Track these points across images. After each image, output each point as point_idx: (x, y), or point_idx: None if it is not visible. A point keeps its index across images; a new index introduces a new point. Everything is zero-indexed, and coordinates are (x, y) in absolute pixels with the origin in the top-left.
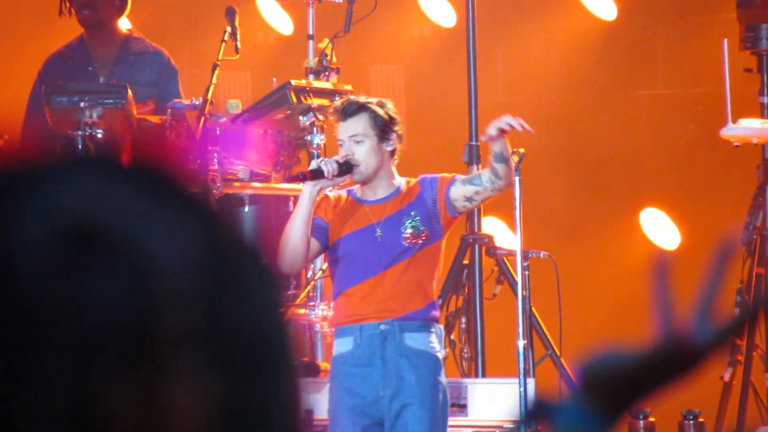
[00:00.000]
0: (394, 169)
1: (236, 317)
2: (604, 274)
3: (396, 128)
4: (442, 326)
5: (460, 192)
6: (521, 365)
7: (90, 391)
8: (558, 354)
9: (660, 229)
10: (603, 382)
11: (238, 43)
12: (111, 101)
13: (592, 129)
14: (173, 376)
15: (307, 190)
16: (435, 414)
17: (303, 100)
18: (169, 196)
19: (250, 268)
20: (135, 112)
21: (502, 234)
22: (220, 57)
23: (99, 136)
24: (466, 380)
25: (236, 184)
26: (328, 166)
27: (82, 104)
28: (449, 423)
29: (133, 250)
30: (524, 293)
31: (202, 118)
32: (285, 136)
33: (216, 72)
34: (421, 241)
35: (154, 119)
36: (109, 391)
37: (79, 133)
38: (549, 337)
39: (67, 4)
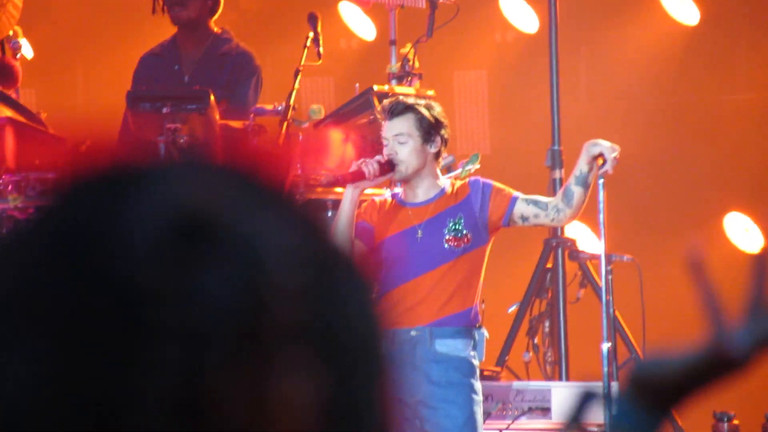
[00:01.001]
0: (438, 171)
1: (339, 315)
2: (688, 278)
3: (442, 131)
4: (484, 331)
5: (521, 209)
6: (605, 368)
7: (199, 382)
8: (642, 358)
9: (744, 233)
10: (651, 383)
11: (321, 49)
12: (193, 107)
13: (676, 134)
14: (281, 370)
15: (348, 192)
16: (468, 416)
17: None
18: (271, 195)
19: (346, 269)
20: (218, 117)
21: (585, 237)
22: (302, 63)
23: (181, 141)
24: (550, 383)
25: (319, 189)
26: (369, 167)
27: (164, 110)
28: (534, 426)
29: (241, 244)
30: (608, 297)
31: (285, 124)
32: (368, 141)
33: (298, 77)
34: (462, 245)
35: (237, 124)
36: (219, 383)
37: (162, 138)
38: (633, 340)
39: (160, 2)
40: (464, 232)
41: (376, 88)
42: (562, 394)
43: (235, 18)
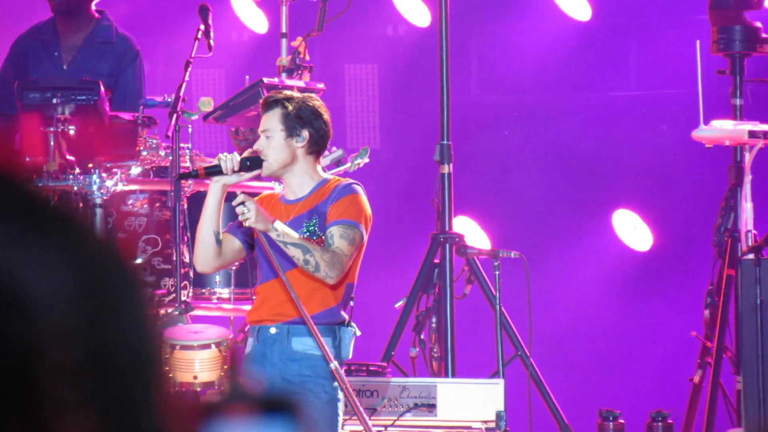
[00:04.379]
0: (317, 167)
1: (113, 345)
2: (576, 274)
3: (314, 124)
4: (352, 329)
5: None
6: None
7: None
8: (528, 354)
9: (632, 230)
10: None
11: (212, 41)
12: (83, 98)
13: (564, 130)
14: (57, 410)
15: (210, 187)
16: (322, 416)
17: None
18: (45, 223)
19: (124, 290)
20: (108, 108)
21: (473, 233)
22: (193, 55)
23: (71, 132)
24: (436, 380)
25: (208, 181)
26: (227, 162)
27: (54, 100)
28: (419, 423)
29: (9, 288)
30: (495, 293)
31: (174, 115)
32: (257, 133)
33: (189, 69)
34: None
35: (127, 116)
36: None
37: (51, 129)
38: (518, 337)
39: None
40: (318, 234)
41: (266, 80)
42: (448, 391)
43: (127, 8)
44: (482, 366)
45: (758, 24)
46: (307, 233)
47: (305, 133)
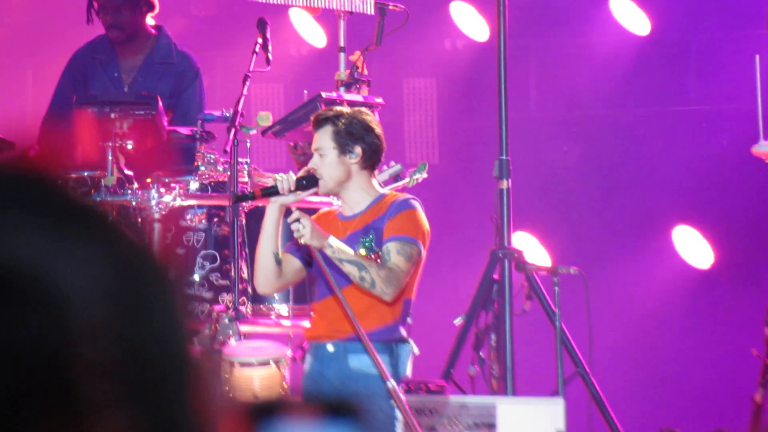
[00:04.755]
0: (373, 182)
1: (147, 344)
2: (636, 291)
3: (366, 140)
4: (409, 346)
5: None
6: None
7: None
8: (588, 372)
9: (692, 247)
10: None
11: (270, 55)
12: (142, 112)
13: (625, 144)
14: (95, 412)
15: (268, 208)
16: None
17: None
18: (80, 222)
19: (158, 290)
20: (166, 123)
21: (533, 249)
22: (251, 69)
23: (129, 147)
24: (495, 399)
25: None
26: (283, 183)
27: (112, 115)
28: None
29: (44, 287)
30: (554, 310)
31: (233, 130)
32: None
33: (247, 84)
34: None
35: (185, 131)
36: None
37: (109, 144)
38: (579, 354)
39: (94, 13)
40: (375, 249)
41: (324, 94)
42: (507, 410)
43: (185, 23)
44: (542, 384)
45: None
46: (364, 249)
47: (358, 149)
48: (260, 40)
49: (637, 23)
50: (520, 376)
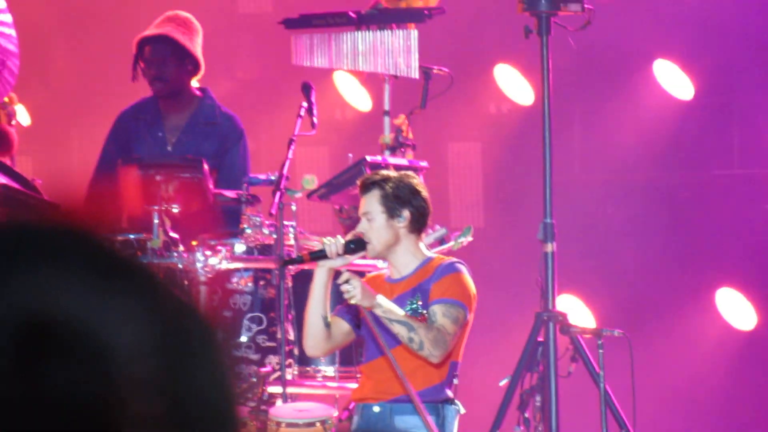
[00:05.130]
0: (420, 245)
1: (192, 400)
2: (680, 353)
3: (413, 203)
4: (456, 407)
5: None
6: None
7: None
8: None
9: (735, 309)
10: None
11: (315, 119)
12: (187, 175)
13: (668, 208)
14: None
15: (316, 272)
16: None
17: None
18: (126, 276)
19: (204, 347)
20: (211, 186)
21: (577, 311)
22: (296, 132)
23: (175, 210)
24: None
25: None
26: (331, 247)
27: (158, 177)
28: None
29: (91, 340)
30: (599, 371)
31: (278, 193)
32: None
33: (292, 147)
34: None
35: (231, 194)
36: None
37: (155, 207)
38: (623, 416)
39: (140, 71)
40: (421, 311)
41: (369, 158)
42: None
43: (231, 86)
44: None
45: None
46: (411, 311)
47: (406, 213)
48: (305, 104)
49: (681, 87)
50: None
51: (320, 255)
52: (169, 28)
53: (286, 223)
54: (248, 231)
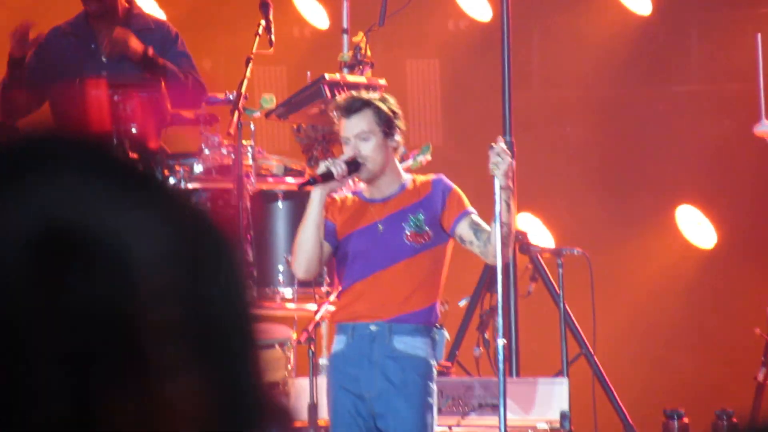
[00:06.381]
0: (399, 166)
1: (212, 306)
2: (639, 271)
3: (399, 123)
4: (444, 331)
5: (463, 231)
6: (500, 365)
7: (88, 404)
8: (592, 353)
9: (695, 226)
10: None
11: (273, 37)
12: (145, 94)
13: (627, 124)
14: (164, 375)
15: (317, 193)
16: (420, 417)
17: (337, 94)
18: (143, 188)
19: (222, 257)
20: (169, 106)
21: (537, 230)
22: (254, 51)
23: (133, 129)
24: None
25: (270, 179)
26: (337, 168)
27: (115, 97)
28: (484, 422)
29: (109, 251)
30: (558, 291)
31: (236, 113)
32: (319, 130)
33: (250, 66)
34: (423, 242)
35: (188, 113)
36: (107, 400)
37: (113, 126)
38: (583, 335)
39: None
40: (425, 228)
41: (327, 76)
42: (512, 390)
43: (188, 5)
44: (547, 365)
45: None
46: (415, 228)
47: (398, 133)
48: (263, 22)
49: (640, 3)
50: (525, 357)
51: (329, 176)
52: None
53: (244, 142)
54: (206, 151)
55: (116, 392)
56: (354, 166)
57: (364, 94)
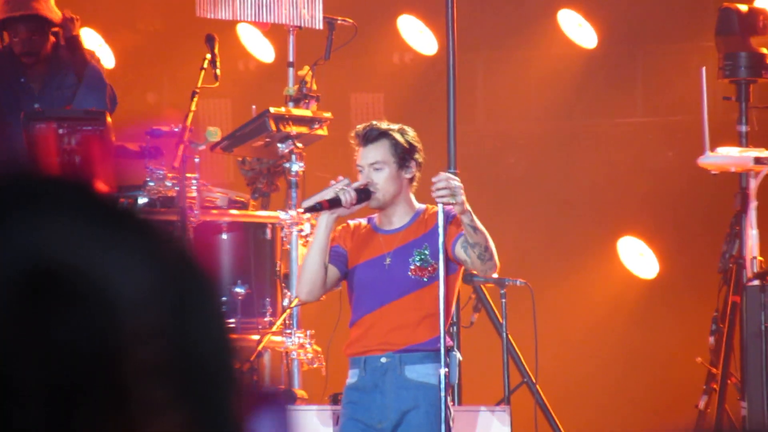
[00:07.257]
0: (412, 197)
1: (195, 345)
2: (582, 301)
3: (416, 156)
4: (457, 353)
5: (458, 252)
6: (442, 393)
7: None
8: (534, 381)
9: (638, 257)
10: None
11: (218, 71)
12: (90, 128)
13: (572, 156)
14: (145, 412)
15: (323, 219)
16: None
17: (282, 127)
18: (125, 226)
19: (204, 293)
20: (114, 138)
21: None
22: (199, 84)
23: (77, 162)
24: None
25: (214, 211)
26: (346, 195)
27: (60, 131)
28: None
29: (96, 288)
30: (501, 321)
31: (182, 145)
32: (264, 163)
33: (195, 99)
34: (428, 275)
35: (133, 146)
36: None
37: (58, 159)
38: (525, 364)
39: (6, 41)
40: (430, 261)
41: (272, 110)
42: (456, 419)
43: (132, 40)
44: (489, 393)
45: (764, 50)
46: (420, 262)
47: (413, 164)
48: (208, 56)
49: (585, 36)
50: (467, 385)
51: (336, 202)
52: (31, 5)
53: (189, 175)
54: (151, 184)
55: (100, 429)
56: (365, 194)
57: (384, 125)
